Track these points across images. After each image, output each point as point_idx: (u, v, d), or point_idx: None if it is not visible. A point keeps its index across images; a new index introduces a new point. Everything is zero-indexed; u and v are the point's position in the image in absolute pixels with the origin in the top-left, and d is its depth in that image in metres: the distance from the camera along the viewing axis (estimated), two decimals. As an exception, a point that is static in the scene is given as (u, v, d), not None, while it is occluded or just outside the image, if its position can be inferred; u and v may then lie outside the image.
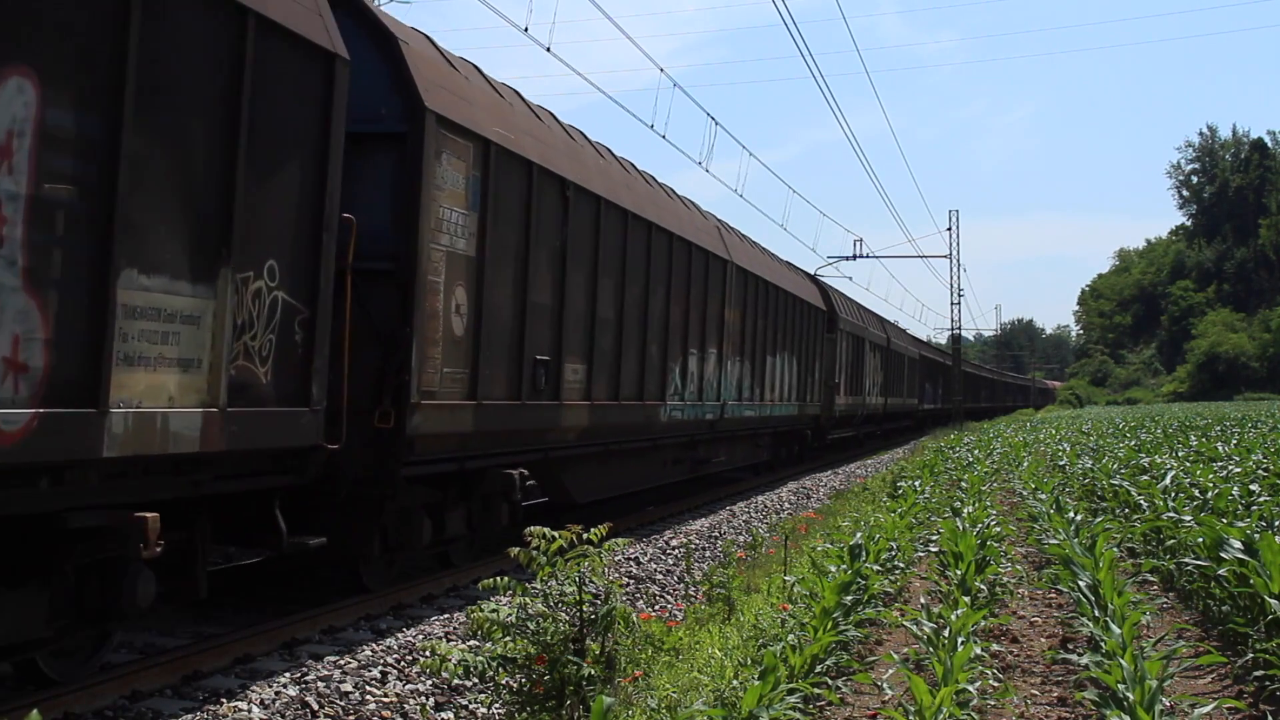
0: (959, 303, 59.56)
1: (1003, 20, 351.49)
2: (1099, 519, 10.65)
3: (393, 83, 8.09)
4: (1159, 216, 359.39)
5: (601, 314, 11.44)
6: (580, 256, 10.94)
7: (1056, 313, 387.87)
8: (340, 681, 6.32)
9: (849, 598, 6.74)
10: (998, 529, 10.07)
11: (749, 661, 5.87)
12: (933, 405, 49.78)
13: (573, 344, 10.79)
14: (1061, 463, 20.32)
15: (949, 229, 53.06)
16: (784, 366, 20.32)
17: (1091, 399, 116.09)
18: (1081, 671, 5.89)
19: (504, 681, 4.98)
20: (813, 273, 32.86)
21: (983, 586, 7.80)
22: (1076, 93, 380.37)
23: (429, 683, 6.47)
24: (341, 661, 6.74)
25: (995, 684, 5.85)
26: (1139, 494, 12.12)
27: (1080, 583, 7.10)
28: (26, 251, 4.68)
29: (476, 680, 5.06)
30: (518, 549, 5.19)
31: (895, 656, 5.96)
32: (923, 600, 7.76)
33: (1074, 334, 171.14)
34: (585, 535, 5.19)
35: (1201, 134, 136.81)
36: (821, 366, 24.05)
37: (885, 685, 5.51)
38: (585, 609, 5.06)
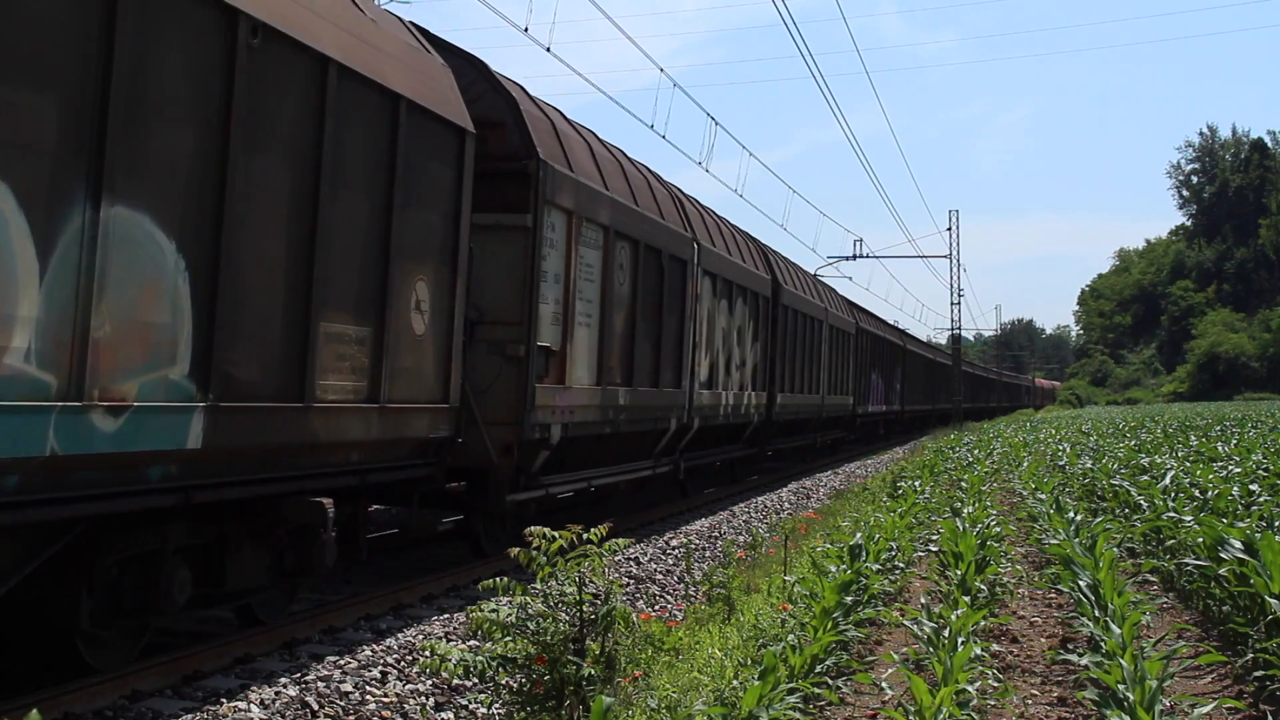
0: (959, 303, 59.49)
1: (1003, 20, 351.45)
2: (1099, 519, 10.64)
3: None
4: (1159, 216, 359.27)
5: None
6: None
7: (1056, 313, 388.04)
8: (340, 681, 6.32)
9: (849, 598, 6.74)
10: (998, 529, 10.08)
11: (749, 661, 5.87)
12: (884, 407, 33.50)
13: None
14: (1061, 463, 20.31)
15: (949, 229, 53.16)
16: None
17: (1091, 399, 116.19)
18: (1081, 671, 5.89)
19: (504, 681, 4.97)
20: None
21: (983, 586, 7.80)
22: (1076, 93, 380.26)
23: (429, 683, 6.47)
24: (341, 661, 6.74)
25: (995, 684, 5.85)
26: (1139, 494, 12.12)
27: (1080, 583, 7.10)
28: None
29: (476, 680, 5.06)
30: (517, 549, 5.19)
31: (895, 656, 5.96)
32: (923, 600, 7.76)
33: (1074, 334, 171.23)
34: (585, 535, 5.19)
35: (1201, 134, 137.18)
36: (456, 302, 8.52)
37: (885, 685, 5.51)
38: (585, 609, 5.05)
